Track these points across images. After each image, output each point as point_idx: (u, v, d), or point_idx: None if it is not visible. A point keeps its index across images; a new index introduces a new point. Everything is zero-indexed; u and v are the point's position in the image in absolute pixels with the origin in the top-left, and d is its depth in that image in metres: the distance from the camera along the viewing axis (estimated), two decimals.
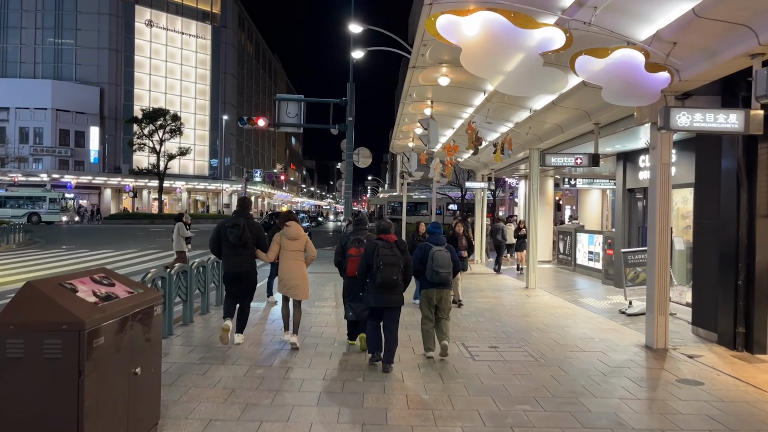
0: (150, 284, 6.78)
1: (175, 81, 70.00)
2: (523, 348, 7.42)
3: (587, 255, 15.98)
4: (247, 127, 24.25)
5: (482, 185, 18.36)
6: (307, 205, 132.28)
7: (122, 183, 61.89)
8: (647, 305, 7.77)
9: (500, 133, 13.56)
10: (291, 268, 7.05)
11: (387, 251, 6.04)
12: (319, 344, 7.35)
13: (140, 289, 4.08)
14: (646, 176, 12.03)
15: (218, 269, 9.92)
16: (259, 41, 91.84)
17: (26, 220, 43.87)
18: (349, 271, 6.66)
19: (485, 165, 18.40)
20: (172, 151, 57.43)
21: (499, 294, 12.24)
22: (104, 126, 63.06)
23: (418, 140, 18.04)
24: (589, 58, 6.10)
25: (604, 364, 6.68)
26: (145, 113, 56.09)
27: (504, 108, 11.46)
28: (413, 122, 15.12)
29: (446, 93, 11.70)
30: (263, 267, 9.09)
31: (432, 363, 6.56)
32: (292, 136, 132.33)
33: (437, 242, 6.74)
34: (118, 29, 64.18)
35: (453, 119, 13.91)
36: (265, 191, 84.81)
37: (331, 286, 12.67)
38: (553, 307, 10.66)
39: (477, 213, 19.90)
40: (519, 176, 20.53)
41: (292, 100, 24.69)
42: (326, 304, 10.66)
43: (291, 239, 7.10)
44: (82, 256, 19.29)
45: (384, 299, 6.08)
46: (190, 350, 6.83)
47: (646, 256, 9.86)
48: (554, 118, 10.86)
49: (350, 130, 24.47)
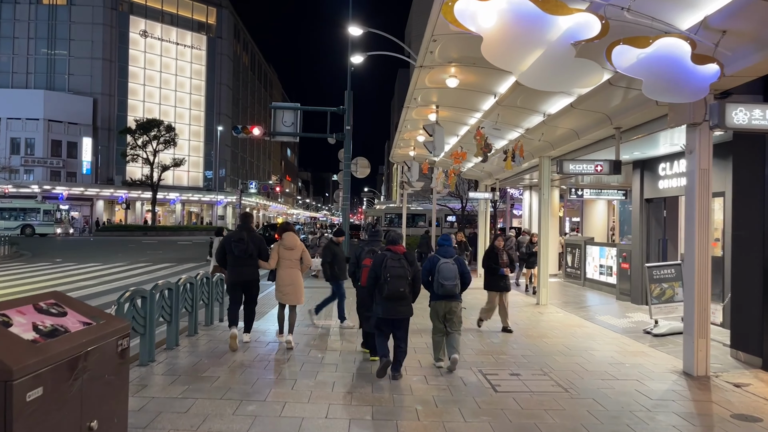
0: (127, 304, 5.96)
1: (169, 91, 69.33)
2: (548, 375, 6.61)
3: (598, 269, 15.21)
4: (242, 136, 23.52)
5: (486, 196, 17.62)
6: (302, 217, 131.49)
7: (115, 194, 60.97)
8: (685, 327, 6.98)
9: (508, 140, 12.84)
10: (287, 275, 7.63)
11: (395, 263, 6.03)
12: (315, 386, 6.53)
13: (101, 319, 3.27)
14: (667, 185, 11.31)
15: (221, 286, 9.62)
16: (254, 52, 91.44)
17: (20, 232, 42.92)
18: (363, 281, 6.78)
19: (489, 175, 17.67)
20: (166, 162, 56.66)
21: (509, 311, 11.42)
22: (97, 137, 62.22)
23: (419, 149, 17.32)
24: (627, 48, 5.36)
25: (644, 396, 5.88)
26: (139, 124, 55.36)
27: (515, 113, 10.73)
28: (416, 129, 14.39)
29: (453, 97, 10.98)
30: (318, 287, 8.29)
31: (449, 396, 5.74)
32: (287, 148, 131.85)
33: (446, 254, 6.72)
34: (112, 39, 63.56)
35: (458, 126, 13.18)
36: (261, 203, 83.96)
37: None
38: (570, 326, 9.87)
39: (480, 224, 19.15)
40: (523, 186, 19.81)
41: (288, 109, 23.97)
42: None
43: (288, 249, 7.67)
44: (67, 270, 18.40)
45: (391, 311, 6.08)
46: (173, 380, 5.99)
47: (673, 271, 9.13)
48: (570, 122, 10.13)
49: (348, 140, 23.73)
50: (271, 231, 25.24)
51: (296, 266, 7.70)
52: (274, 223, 29.63)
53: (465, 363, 7.07)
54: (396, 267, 5.98)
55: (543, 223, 12.41)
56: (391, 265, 5.99)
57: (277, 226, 27.13)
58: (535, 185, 19.07)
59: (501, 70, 9.00)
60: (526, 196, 19.63)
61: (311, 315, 9.66)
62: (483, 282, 9.51)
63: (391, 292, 5.91)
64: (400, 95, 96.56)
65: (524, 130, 11.56)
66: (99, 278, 16.25)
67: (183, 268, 20.04)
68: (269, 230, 25.48)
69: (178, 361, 6.82)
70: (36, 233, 43.80)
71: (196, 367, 6.57)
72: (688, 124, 6.75)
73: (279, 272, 7.65)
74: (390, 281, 5.91)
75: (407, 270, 6.03)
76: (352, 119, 24.00)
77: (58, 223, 45.68)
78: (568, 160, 9.42)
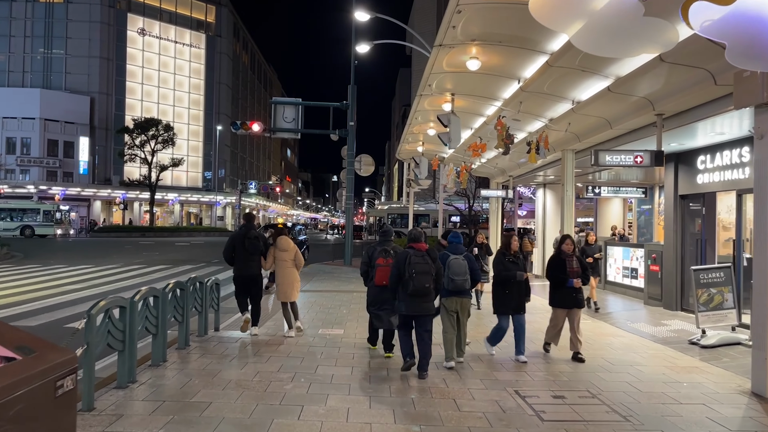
0: (100, 317, 4.98)
1: (168, 91, 68.40)
2: (597, 398, 5.63)
3: (621, 271, 14.23)
4: (241, 132, 22.59)
5: (500, 194, 16.64)
6: (302, 217, 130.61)
7: (112, 195, 60.04)
8: (754, 340, 6.00)
9: (527, 132, 11.88)
10: (285, 275, 8.33)
11: (419, 260, 6.07)
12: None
13: (32, 351, 2.29)
14: (707, 180, 10.33)
15: (216, 291, 8.74)
16: (254, 51, 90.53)
17: (19, 233, 41.98)
18: (377, 280, 6.76)
19: (502, 171, 16.69)
20: (164, 162, 55.73)
21: (532, 318, 10.43)
22: (94, 136, 61.29)
23: (429, 144, 16.37)
24: (707, 4, 4.40)
25: (720, 426, 4.90)
26: (137, 123, 54.49)
27: (540, 101, 9.76)
28: (426, 122, 13.43)
29: (471, 83, 10.02)
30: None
31: (488, 427, 4.76)
32: (287, 148, 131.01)
33: (456, 251, 6.74)
34: (109, 38, 62.67)
35: (474, 117, 12.22)
36: (260, 203, 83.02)
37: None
38: (605, 335, 8.89)
39: (492, 224, 18.19)
40: (536, 184, 18.84)
41: (290, 104, 23.02)
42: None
43: (282, 251, 8.33)
44: (55, 273, 17.41)
45: (416, 307, 6.11)
46: (155, 407, 5.01)
47: (722, 274, 8.16)
48: (603, 109, 9.15)
49: (351, 136, 22.79)
50: (272, 231, 24.07)
51: (292, 266, 8.37)
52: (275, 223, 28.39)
53: (497, 382, 6.10)
54: (421, 263, 6.02)
55: (566, 223, 11.45)
56: (416, 262, 6.02)
57: (278, 226, 26.03)
58: (550, 182, 18.11)
59: (529, 50, 8.05)
60: (539, 194, 18.65)
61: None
62: (548, 297, 7.87)
63: (417, 288, 5.96)
64: (401, 95, 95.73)
65: (548, 120, 10.59)
66: (87, 281, 15.27)
67: (178, 270, 19.07)
68: (269, 230, 24.33)
69: (163, 382, 5.83)
70: (36, 234, 42.82)
71: (184, 389, 5.58)
72: (757, 105, 5.78)
73: (277, 272, 8.35)
74: (415, 277, 5.95)
75: (431, 266, 6.09)
76: (356, 115, 23.05)
77: (58, 224, 44.66)
78: (604, 151, 8.44)
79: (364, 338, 7.99)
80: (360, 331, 8.71)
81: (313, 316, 10.31)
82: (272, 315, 10.20)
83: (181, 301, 7.23)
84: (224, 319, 9.49)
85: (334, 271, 19.64)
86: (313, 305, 11.65)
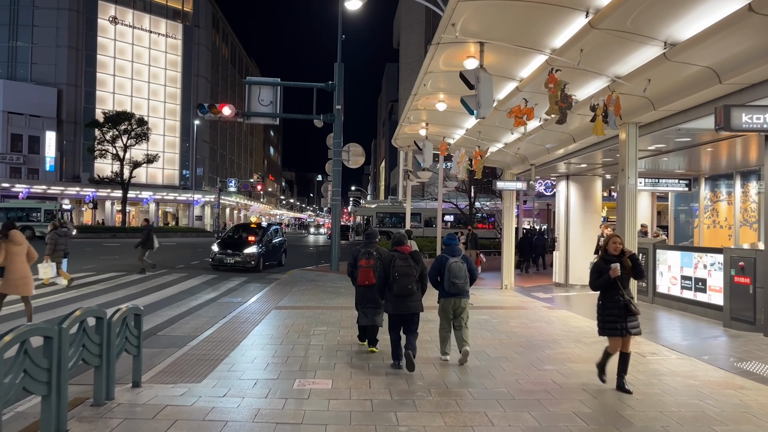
0: None
1: (142, 83, 64.72)
2: None
3: (678, 281, 11.36)
4: (210, 117, 19.45)
5: (519, 186, 13.66)
6: (285, 217, 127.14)
7: (81, 193, 56.27)
8: None
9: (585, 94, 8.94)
10: (17, 270, 8.28)
11: (402, 262, 6.30)
12: None
13: None
14: None
15: (135, 326, 5.56)
16: (235, 44, 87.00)
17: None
18: (359, 280, 7.07)
19: (523, 159, 13.74)
20: (138, 158, 52.22)
21: (581, 351, 7.47)
22: (62, 131, 57.44)
23: (435, 125, 13.40)
24: None
25: None
26: (108, 116, 50.96)
27: (614, 45, 6.81)
28: (437, 91, 10.42)
29: (510, 24, 7.08)
30: None
31: None
32: (270, 146, 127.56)
33: (453, 253, 6.71)
34: (78, 26, 58.87)
35: (503, 81, 9.24)
36: (241, 202, 79.53)
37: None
38: (715, 386, 5.96)
39: (506, 224, 15.25)
40: (558, 176, 15.94)
41: (266, 84, 19.89)
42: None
43: (16, 245, 8.29)
44: None
45: (401, 307, 6.31)
46: None
47: None
48: (720, 50, 6.20)
49: (338, 122, 19.73)
50: (242, 233, 20.74)
51: (25, 260, 8.37)
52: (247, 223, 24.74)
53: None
54: (404, 266, 6.28)
55: (628, 221, 8.57)
56: (399, 265, 6.28)
57: (251, 226, 22.85)
58: (575, 173, 15.22)
59: None
60: (560, 188, 15.76)
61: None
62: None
63: (400, 289, 6.23)
64: (388, 91, 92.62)
65: (612, 78, 7.65)
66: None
67: (130, 279, 15.88)
68: (240, 231, 20.97)
69: None
70: (36, 235, 38.83)
71: None
72: None
73: (11, 267, 8.22)
74: (398, 279, 6.23)
75: (414, 269, 6.31)
76: (343, 98, 20.00)
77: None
78: (739, 107, 5.47)
79: (367, 401, 5.01)
80: (360, 384, 5.71)
81: (287, 351, 7.29)
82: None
83: (96, 337, 4.18)
84: (157, 361, 6.43)
85: (318, 279, 16.59)
86: (289, 331, 8.60)
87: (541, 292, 14.54)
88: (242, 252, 18.63)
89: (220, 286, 14.86)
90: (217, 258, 18.69)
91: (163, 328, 9.17)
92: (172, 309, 11.09)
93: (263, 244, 19.58)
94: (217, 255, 18.76)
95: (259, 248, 19.10)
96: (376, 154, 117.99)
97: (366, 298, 7.04)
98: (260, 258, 18.99)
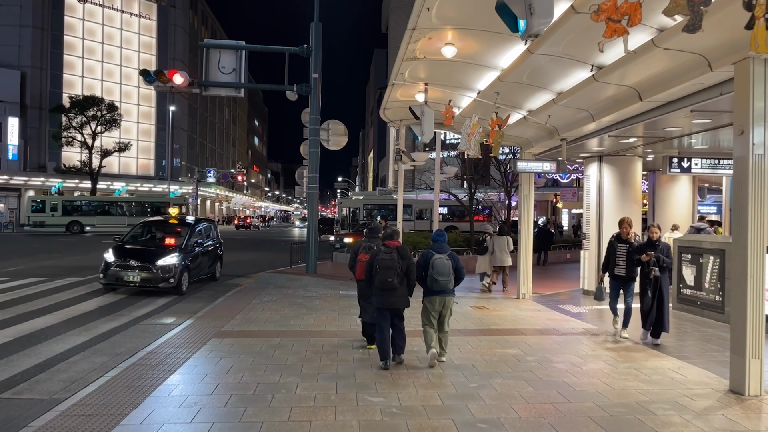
0: None
1: (113, 66, 60.82)
2: None
3: None
4: (158, 87, 16.01)
5: (546, 167, 10.46)
6: (271, 210, 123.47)
7: (47, 183, 52.43)
8: None
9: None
10: None
11: (385, 256, 6.22)
12: None
13: None
14: None
15: None
16: (215, 27, 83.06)
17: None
18: (357, 274, 7.00)
19: (551, 133, 10.51)
20: (109, 146, 48.53)
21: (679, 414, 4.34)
22: (26, 116, 53.52)
23: (437, 86, 10.12)
24: None
25: None
26: (74, 101, 47.25)
27: None
28: (444, 21, 7.15)
29: None
30: None
31: None
32: (254, 136, 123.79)
33: (439, 250, 6.47)
34: (44, 4, 54.93)
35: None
36: (222, 194, 75.88)
37: None
38: None
39: (523, 215, 12.09)
40: (588, 157, 12.77)
41: (227, 48, 16.51)
42: None
43: None
44: None
45: (384, 301, 6.28)
46: None
47: None
48: None
49: (314, 94, 16.39)
50: (156, 232, 13.74)
51: None
52: (163, 218, 16.33)
53: None
54: (385, 259, 6.18)
55: (756, 210, 5.47)
56: (382, 258, 6.21)
57: (169, 222, 15.59)
58: (611, 153, 12.08)
59: None
60: (591, 171, 12.61)
61: None
62: None
63: (380, 282, 6.17)
64: (377, 78, 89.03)
65: None
66: None
67: (45, 288, 12.53)
68: (152, 230, 13.98)
69: None
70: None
71: None
72: None
73: None
74: (379, 272, 6.15)
75: (396, 262, 6.17)
76: (321, 66, 16.67)
77: None
78: None
79: None
80: None
81: None
82: None
83: None
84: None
85: (289, 284, 13.29)
86: (217, 386, 5.26)
87: (570, 303, 11.42)
88: (154, 264, 11.52)
89: (151, 302, 11.57)
90: (112, 273, 11.52)
91: (24, 380, 5.89)
92: (65, 339, 7.77)
93: (189, 251, 12.43)
94: (113, 268, 11.54)
95: (181, 258, 11.92)
96: (365, 145, 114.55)
97: (366, 293, 6.91)
98: (183, 272, 11.86)
